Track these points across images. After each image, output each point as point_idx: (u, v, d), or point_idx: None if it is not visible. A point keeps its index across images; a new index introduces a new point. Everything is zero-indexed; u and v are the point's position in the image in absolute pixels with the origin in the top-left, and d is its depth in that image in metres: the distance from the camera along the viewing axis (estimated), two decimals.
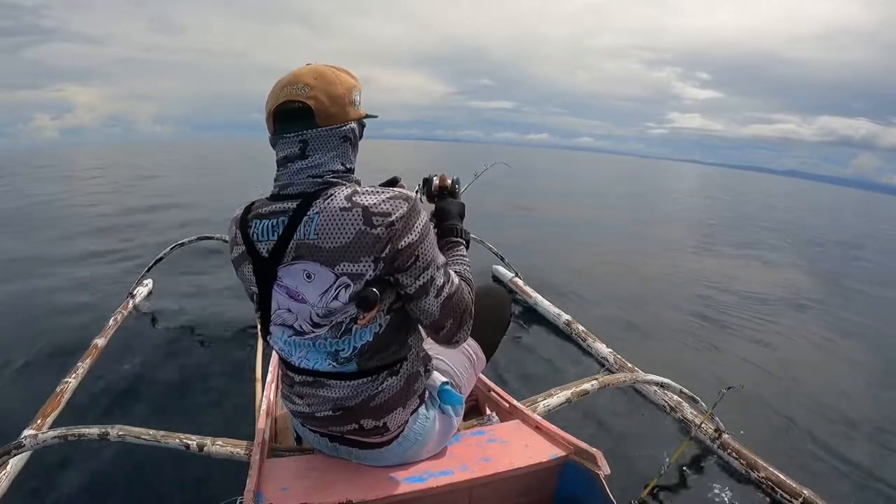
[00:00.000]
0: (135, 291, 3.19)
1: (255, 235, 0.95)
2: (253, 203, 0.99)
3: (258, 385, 1.92)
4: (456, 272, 1.02)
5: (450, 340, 1.02)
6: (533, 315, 3.32)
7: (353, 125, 0.98)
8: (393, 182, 1.11)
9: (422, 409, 1.08)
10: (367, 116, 1.04)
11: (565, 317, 3.09)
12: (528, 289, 3.63)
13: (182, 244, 3.29)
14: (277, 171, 0.98)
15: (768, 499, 1.67)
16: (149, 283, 3.42)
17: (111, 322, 2.74)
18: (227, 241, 3.39)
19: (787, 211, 16.13)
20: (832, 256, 7.64)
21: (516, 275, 3.90)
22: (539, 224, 8.03)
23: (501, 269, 4.05)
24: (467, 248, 1.17)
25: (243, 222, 0.97)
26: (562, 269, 4.92)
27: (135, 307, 3.09)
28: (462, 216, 1.23)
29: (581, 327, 2.94)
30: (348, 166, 0.98)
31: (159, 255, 3.28)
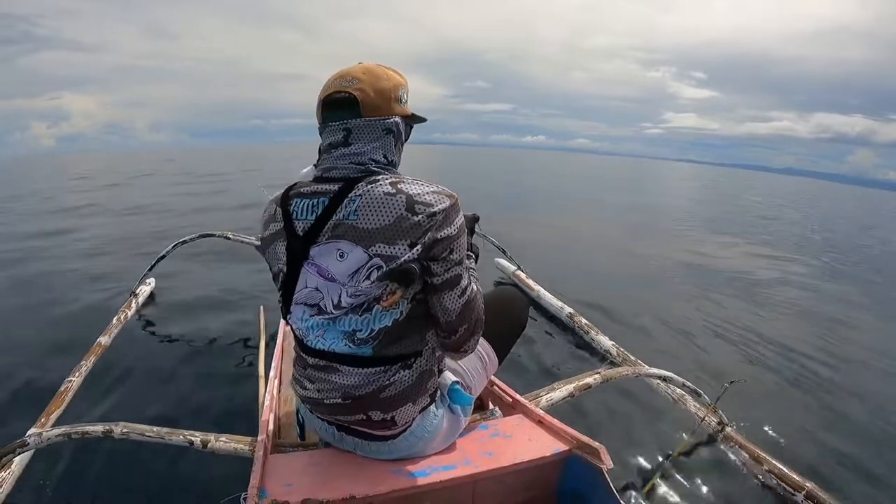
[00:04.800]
0: (138, 290, 3.19)
1: (294, 213, 0.98)
2: (295, 184, 1.02)
3: (261, 381, 1.93)
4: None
5: (458, 348, 1.04)
6: (536, 308, 3.32)
7: (397, 119, 1.01)
8: None
9: (432, 408, 1.08)
10: (415, 117, 1.07)
11: (568, 310, 3.09)
12: (530, 282, 3.63)
13: (184, 242, 3.28)
14: (321, 157, 1.01)
15: (772, 492, 1.66)
16: (152, 281, 3.43)
17: (115, 321, 2.74)
18: (228, 239, 3.38)
19: (789, 208, 16.08)
20: (838, 250, 7.61)
21: (518, 268, 3.89)
22: (537, 222, 8.01)
23: (504, 263, 4.05)
24: (476, 261, 1.18)
25: (284, 200, 1.00)
26: (564, 262, 4.92)
27: (138, 306, 3.09)
28: (472, 231, 1.23)
29: (584, 320, 2.93)
30: (390, 158, 1.01)
31: (161, 254, 3.28)
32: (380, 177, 0.94)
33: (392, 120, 0.99)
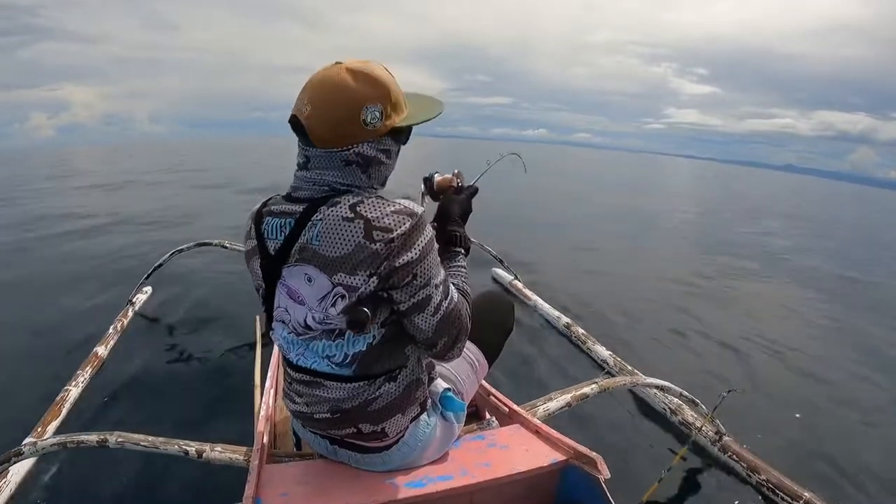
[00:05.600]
0: (134, 299, 3.19)
1: (265, 232, 0.96)
2: (269, 199, 1.00)
3: (257, 391, 1.92)
4: (454, 285, 1.00)
5: (442, 357, 1.01)
6: (532, 318, 3.32)
7: (363, 147, 0.91)
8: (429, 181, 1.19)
9: (423, 416, 1.07)
10: (394, 130, 0.94)
11: (565, 319, 3.09)
12: (527, 291, 3.64)
13: (181, 251, 3.29)
14: (295, 171, 0.98)
15: (769, 501, 1.66)
16: (148, 290, 3.42)
17: (111, 330, 2.74)
18: (225, 248, 3.39)
19: (792, 207, 16.13)
20: (837, 253, 7.63)
21: (515, 277, 3.90)
22: (536, 225, 8.02)
23: (500, 272, 4.06)
24: (467, 255, 1.15)
25: (258, 217, 0.98)
26: (560, 271, 4.93)
27: (135, 315, 3.09)
28: (465, 216, 1.18)
29: (581, 330, 2.94)
30: (356, 185, 0.94)
31: (158, 262, 3.28)
32: (342, 198, 0.89)
33: (352, 151, 0.91)
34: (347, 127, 0.89)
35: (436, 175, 1.21)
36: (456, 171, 1.22)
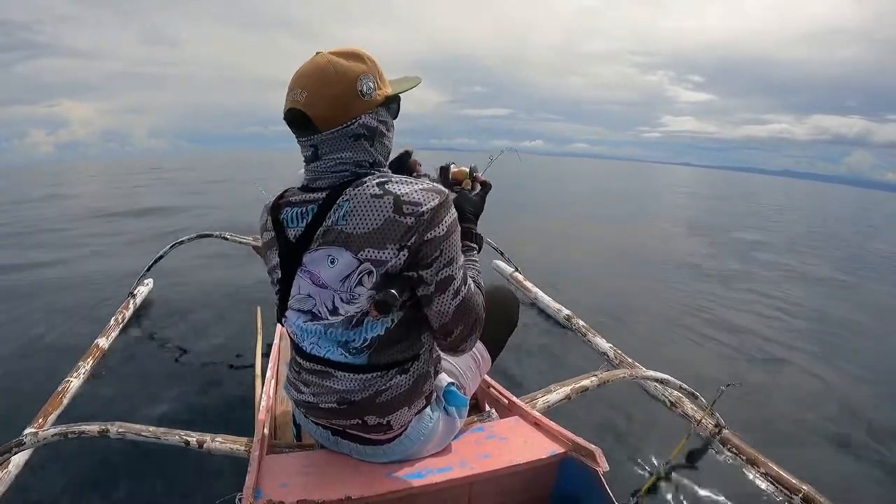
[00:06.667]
0: (136, 291, 3.19)
1: (285, 221, 0.97)
2: (286, 191, 1.00)
3: (258, 382, 1.93)
4: (470, 276, 1.01)
5: (455, 348, 1.02)
6: (533, 310, 3.32)
7: (366, 119, 0.93)
8: (407, 155, 1.17)
9: (427, 410, 1.08)
10: (388, 99, 0.97)
11: (565, 311, 3.09)
12: (528, 283, 3.63)
13: (181, 242, 3.29)
14: (304, 165, 0.99)
15: (768, 495, 1.66)
16: (149, 282, 3.42)
17: (112, 322, 2.74)
18: (226, 239, 3.38)
19: (785, 210, 16.10)
20: (836, 250, 7.61)
21: (516, 269, 3.90)
22: (536, 221, 8.01)
23: (501, 264, 4.05)
24: (479, 251, 1.15)
25: (275, 209, 0.99)
26: (561, 264, 4.92)
27: (135, 307, 3.09)
28: (478, 214, 1.20)
29: (581, 322, 2.93)
30: (371, 160, 0.96)
31: (159, 254, 3.28)
32: (367, 178, 0.91)
33: (357, 123, 0.92)
34: (347, 100, 0.91)
35: (452, 166, 1.22)
36: (472, 166, 1.23)
